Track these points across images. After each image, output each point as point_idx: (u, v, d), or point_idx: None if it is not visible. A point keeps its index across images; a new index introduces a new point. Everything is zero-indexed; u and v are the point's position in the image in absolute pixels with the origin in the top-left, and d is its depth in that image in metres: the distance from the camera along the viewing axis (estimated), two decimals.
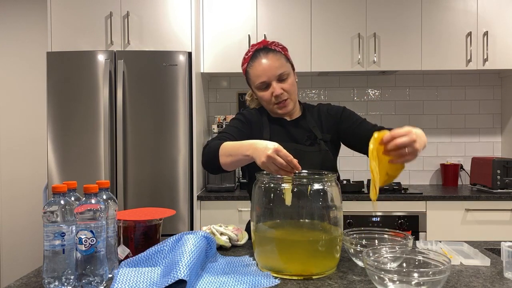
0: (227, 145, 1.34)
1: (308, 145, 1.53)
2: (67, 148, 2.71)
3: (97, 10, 2.82)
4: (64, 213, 0.99)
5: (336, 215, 1.16)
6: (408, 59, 3.05)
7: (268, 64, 1.48)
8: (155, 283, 1.00)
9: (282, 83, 1.49)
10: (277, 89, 1.48)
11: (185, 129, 2.71)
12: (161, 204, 2.67)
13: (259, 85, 1.50)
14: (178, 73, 2.70)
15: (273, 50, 1.52)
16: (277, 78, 1.48)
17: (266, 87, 1.50)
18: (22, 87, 3.55)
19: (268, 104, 1.53)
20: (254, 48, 1.54)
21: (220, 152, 1.34)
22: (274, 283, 1.05)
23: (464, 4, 3.04)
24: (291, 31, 3.06)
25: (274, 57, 1.50)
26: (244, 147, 1.26)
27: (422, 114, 3.44)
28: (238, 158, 1.28)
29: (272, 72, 1.48)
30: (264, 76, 1.48)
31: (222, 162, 1.34)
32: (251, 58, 1.52)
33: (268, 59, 1.49)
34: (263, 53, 1.50)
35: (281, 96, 1.49)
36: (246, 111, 1.62)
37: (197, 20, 2.93)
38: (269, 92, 1.50)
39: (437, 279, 0.91)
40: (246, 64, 1.54)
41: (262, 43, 1.54)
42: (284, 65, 1.51)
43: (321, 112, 1.61)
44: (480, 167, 3.10)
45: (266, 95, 1.50)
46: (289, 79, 1.51)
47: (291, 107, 1.54)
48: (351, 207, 2.77)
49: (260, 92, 1.52)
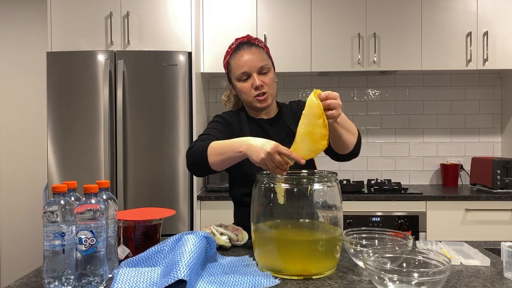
0: (216, 144, 1.33)
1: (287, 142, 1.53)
2: (67, 148, 2.71)
3: (97, 10, 2.82)
4: (64, 213, 0.99)
5: (336, 215, 1.16)
6: (408, 59, 3.05)
7: (251, 56, 1.52)
8: (155, 283, 1.00)
9: (263, 76, 1.53)
10: (258, 80, 1.51)
11: (185, 129, 2.71)
12: (161, 204, 2.67)
13: (240, 76, 1.53)
14: (178, 73, 2.70)
15: (256, 44, 1.57)
16: (258, 71, 1.52)
17: (247, 78, 1.53)
18: (22, 87, 3.55)
19: (248, 96, 1.54)
20: (237, 41, 1.58)
21: (208, 151, 1.33)
22: (274, 283, 1.05)
23: (464, 4, 3.04)
24: (291, 31, 3.06)
25: (257, 50, 1.55)
26: (236, 144, 1.26)
27: (422, 114, 3.44)
28: (229, 156, 1.27)
29: (254, 63, 1.51)
30: (245, 67, 1.51)
31: (211, 162, 1.33)
32: (234, 50, 1.56)
33: (251, 51, 1.53)
34: (246, 46, 1.55)
35: (260, 88, 1.51)
36: (224, 114, 1.64)
37: (197, 20, 2.94)
38: (249, 83, 1.52)
39: (437, 279, 0.91)
40: (228, 56, 1.58)
41: (247, 37, 1.58)
42: (266, 60, 1.55)
43: (293, 110, 1.65)
44: (480, 167, 3.10)
45: (246, 87, 1.53)
46: (270, 74, 1.55)
47: (270, 102, 1.56)
48: (351, 207, 2.77)
49: (241, 84, 1.54)
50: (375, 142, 3.45)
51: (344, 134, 1.35)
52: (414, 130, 3.45)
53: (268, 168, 1.15)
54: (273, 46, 3.03)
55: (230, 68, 1.57)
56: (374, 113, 3.45)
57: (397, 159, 3.45)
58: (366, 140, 3.45)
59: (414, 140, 3.45)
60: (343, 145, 1.38)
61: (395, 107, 3.45)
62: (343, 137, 1.35)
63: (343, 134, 1.34)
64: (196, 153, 1.37)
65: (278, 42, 3.05)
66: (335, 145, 1.40)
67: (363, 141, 3.45)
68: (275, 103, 1.65)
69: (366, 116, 3.45)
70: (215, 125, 1.56)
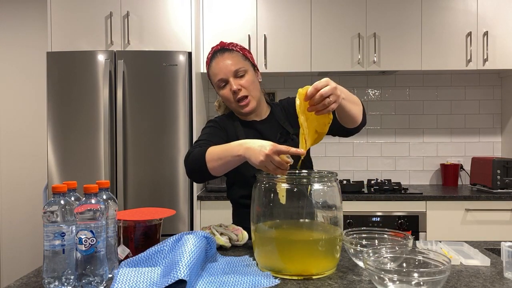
0: (213, 149, 1.33)
1: (282, 142, 1.54)
2: (67, 148, 2.71)
3: (97, 10, 2.82)
4: (64, 213, 0.99)
5: (336, 215, 1.16)
6: (408, 59, 3.05)
7: (224, 62, 1.52)
8: (155, 283, 1.00)
9: (239, 80, 1.52)
10: (234, 84, 1.51)
11: (185, 129, 2.71)
12: (161, 204, 2.67)
13: (218, 83, 1.54)
14: (178, 73, 2.70)
15: (229, 49, 1.56)
16: (233, 75, 1.52)
17: (225, 84, 1.53)
18: (22, 87, 3.55)
19: (230, 103, 1.55)
20: (212, 50, 1.58)
21: (207, 157, 1.33)
22: (274, 283, 1.05)
23: (464, 4, 3.04)
24: (291, 31, 3.06)
25: (230, 55, 1.54)
26: (234, 148, 1.25)
27: (422, 114, 3.44)
28: (228, 160, 1.27)
29: (228, 68, 1.52)
30: (221, 73, 1.52)
31: (210, 167, 1.32)
32: (210, 60, 1.57)
33: (223, 57, 1.53)
34: (219, 53, 1.55)
35: (238, 92, 1.51)
36: (217, 118, 1.64)
37: (197, 20, 2.94)
38: (228, 89, 1.53)
39: (437, 279, 0.91)
40: (207, 66, 1.59)
41: (220, 44, 1.58)
42: (240, 62, 1.54)
43: (284, 107, 1.65)
44: (480, 167, 3.10)
45: (226, 93, 1.54)
46: (247, 76, 1.53)
47: (254, 105, 1.55)
48: (351, 207, 2.77)
49: (221, 91, 1.55)
50: (375, 142, 3.45)
51: (352, 108, 1.34)
52: (414, 130, 3.45)
53: (269, 170, 1.15)
54: (273, 46, 3.04)
55: (210, 78, 1.59)
56: (374, 113, 3.45)
57: (397, 159, 3.45)
58: (366, 140, 3.45)
59: (414, 140, 3.45)
60: (353, 118, 1.38)
61: (395, 107, 3.45)
62: (352, 112, 1.34)
63: (351, 109, 1.33)
64: (194, 160, 1.37)
65: (278, 42, 3.05)
66: (345, 121, 1.39)
67: (363, 141, 3.45)
68: (264, 104, 1.64)
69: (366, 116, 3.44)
70: (210, 130, 1.56)
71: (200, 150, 1.36)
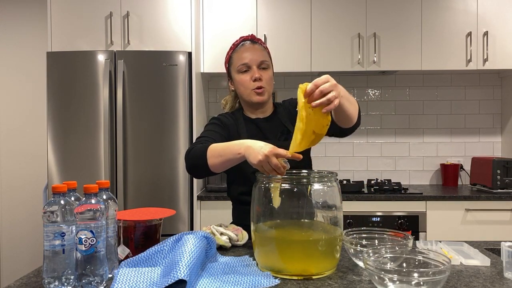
0: (215, 146, 1.34)
1: (283, 140, 1.57)
2: (67, 148, 2.71)
3: (97, 10, 2.82)
4: (64, 213, 0.99)
5: (336, 215, 1.16)
6: (408, 59, 3.05)
7: (253, 50, 1.58)
8: (155, 283, 1.00)
9: (262, 71, 1.57)
10: (257, 73, 1.55)
11: (185, 129, 2.71)
12: (161, 204, 2.67)
13: (241, 67, 1.57)
14: (178, 73, 2.70)
15: (259, 43, 1.63)
16: (258, 64, 1.57)
17: (246, 70, 1.57)
18: (22, 87, 3.55)
19: (246, 89, 1.57)
20: (241, 38, 1.63)
21: (208, 153, 1.34)
22: (274, 283, 1.05)
23: (464, 4, 3.04)
24: (291, 31, 3.06)
25: (260, 47, 1.61)
26: (235, 146, 1.27)
27: (422, 114, 3.44)
28: (229, 158, 1.28)
29: (255, 56, 1.57)
30: (247, 59, 1.56)
31: (210, 164, 1.33)
32: (237, 46, 1.62)
33: (253, 47, 1.59)
34: (249, 43, 1.61)
35: (259, 81, 1.55)
36: (220, 116, 1.66)
37: (197, 20, 2.93)
38: (249, 75, 1.56)
39: (437, 279, 0.91)
40: (231, 51, 1.63)
41: (250, 36, 1.64)
42: (267, 57, 1.61)
43: (287, 107, 1.67)
44: (480, 167, 3.10)
45: (245, 78, 1.57)
46: (269, 72, 1.60)
47: (266, 97, 1.59)
48: (351, 207, 2.77)
49: (240, 75, 1.57)
50: (375, 142, 3.45)
51: (349, 107, 1.35)
52: (414, 130, 3.45)
53: (265, 171, 1.16)
54: (273, 46, 3.03)
55: (232, 61, 1.61)
56: (374, 113, 3.45)
57: (397, 159, 3.45)
58: (366, 140, 3.45)
59: (414, 140, 3.45)
60: (350, 118, 1.38)
61: (395, 107, 3.45)
62: (349, 111, 1.35)
63: (348, 108, 1.34)
64: (195, 155, 1.38)
65: (278, 42, 3.05)
66: (341, 120, 1.39)
67: (363, 141, 3.45)
68: (271, 103, 1.67)
69: (366, 116, 3.45)
70: (212, 127, 1.57)
71: (202, 147, 1.37)
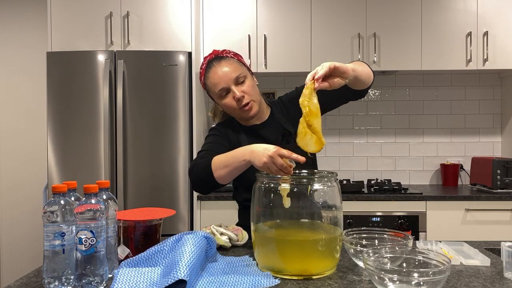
0: (219, 158, 1.34)
1: (285, 143, 1.54)
2: (67, 148, 2.71)
3: (97, 10, 2.82)
4: (64, 213, 0.99)
5: (336, 215, 1.16)
6: (408, 59, 3.05)
7: (222, 70, 1.49)
8: (155, 283, 1.00)
9: (241, 86, 1.50)
10: (237, 92, 1.48)
11: (185, 129, 2.71)
12: (161, 204, 2.67)
13: (220, 93, 1.50)
14: (178, 73, 2.70)
15: (225, 57, 1.53)
16: (234, 82, 1.49)
17: (227, 93, 1.50)
18: (22, 87, 3.55)
19: (234, 110, 1.52)
20: (206, 60, 1.54)
21: (213, 166, 1.33)
22: (274, 283, 1.05)
23: (464, 4, 3.04)
24: (291, 31, 3.05)
25: (227, 62, 1.51)
26: (239, 153, 1.27)
27: (422, 114, 3.44)
28: (235, 166, 1.28)
29: (228, 76, 1.48)
30: (222, 83, 1.48)
31: (217, 176, 1.33)
32: (205, 70, 1.53)
33: (221, 66, 1.50)
34: (216, 62, 1.51)
35: (242, 99, 1.48)
36: (218, 126, 1.62)
37: (197, 20, 2.93)
38: (230, 97, 1.49)
39: (437, 279, 0.91)
40: (202, 77, 1.55)
41: (213, 53, 1.55)
42: (239, 69, 1.51)
43: (284, 104, 1.63)
44: (480, 167, 3.10)
45: (229, 102, 1.50)
46: (247, 81, 1.51)
47: (256, 109, 1.53)
48: (351, 207, 2.77)
49: (223, 100, 1.51)
50: (375, 142, 3.45)
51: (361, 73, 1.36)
52: (414, 130, 3.45)
53: (272, 172, 1.16)
54: (273, 46, 3.04)
55: (208, 88, 1.55)
56: (374, 113, 3.45)
57: (397, 159, 3.45)
58: (366, 140, 3.45)
59: (414, 140, 3.45)
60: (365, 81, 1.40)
61: (395, 107, 3.45)
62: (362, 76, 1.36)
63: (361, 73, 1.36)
64: (199, 170, 1.37)
65: (278, 42, 3.04)
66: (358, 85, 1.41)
67: (363, 141, 3.45)
68: (264, 106, 1.62)
69: (366, 116, 3.45)
70: (213, 139, 1.55)
71: (205, 161, 1.36)
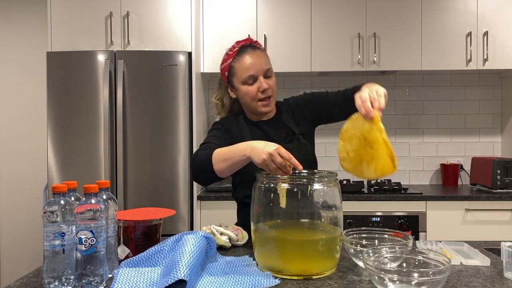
0: (219, 151, 1.34)
1: (288, 142, 1.55)
2: (67, 148, 2.71)
3: (97, 10, 2.82)
4: (64, 213, 0.99)
5: (336, 215, 1.16)
6: (408, 59, 3.05)
7: (258, 59, 1.52)
8: (155, 283, 1.00)
9: (268, 80, 1.53)
10: (264, 83, 1.50)
11: (185, 129, 2.71)
12: (161, 204, 2.67)
13: (246, 79, 1.51)
14: (178, 73, 2.70)
15: (259, 48, 1.57)
16: (264, 74, 1.52)
17: (253, 81, 1.52)
18: (22, 87, 3.55)
19: (252, 100, 1.53)
20: (240, 44, 1.56)
21: (213, 159, 1.33)
22: (274, 283, 1.05)
23: (464, 4, 3.04)
24: (291, 31, 3.05)
25: (262, 53, 1.55)
26: (240, 148, 1.26)
27: (422, 114, 3.44)
28: (235, 161, 1.28)
29: (261, 66, 1.51)
30: (253, 69, 1.50)
31: (217, 169, 1.33)
32: (237, 53, 1.54)
33: (256, 54, 1.53)
34: (250, 49, 1.54)
35: (267, 91, 1.51)
36: (222, 120, 1.64)
37: (197, 20, 2.93)
38: (255, 87, 1.51)
39: (437, 279, 0.91)
40: (231, 59, 1.55)
41: (248, 40, 1.58)
42: (269, 63, 1.56)
43: (290, 106, 1.65)
44: (480, 167, 3.10)
45: (252, 90, 1.51)
46: (273, 78, 1.56)
47: (273, 106, 1.57)
48: (351, 207, 2.77)
49: (246, 87, 1.52)
50: None
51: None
52: (414, 130, 3.45)
53: (270, 169, 1.16)
54: (273, 46, 3.04)
55: (234, 71, 1.54)
56: None
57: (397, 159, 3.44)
58: None
59: (414, 140, 3.45)
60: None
61: (395, 107, 3.45)
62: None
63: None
64: (200, 162, 1.37)
65: (278, 42, 3.04)
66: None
67: None
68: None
69: None
70: (215, 133, 1.56)
71: (206, 153, 1.36)
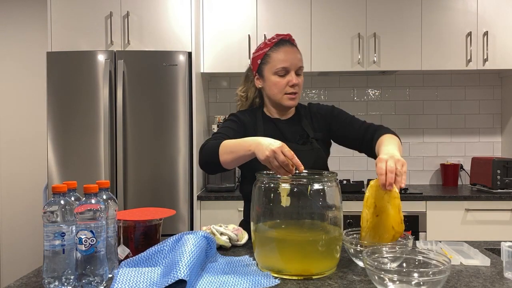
0: (227, 142, 1.35)
1: (301, 144, 1.57)
2: (67, 148, 2.71)
3: (97, 10, 2.82)
4: (64, 213, 0.99)
5: (336, 215, 1.16)
6: (408, 59, 3.05)
7: (294, 54, 1.56)
8: (155, 283, 1.00)
9: (299, 77, 1.57)
10: (295, 78, 1.54)
11: (185, 129, 2.71)
12: (161, 204, 2.67)
13: (279, 70, 1.54)
14: (178, 73, 2.70)
15: (296, 46, 1.62)
16: (296, 69, 1.56)
17: (285, 74, 1.55)
18: (22, 87, 3.55)
19: (278, 92, 1.56)
20: (279, 37, 1.60)
21: (220, 150, 1.35)
22: (274, 283, 1.05)
23: (464, 4, 3.04)
24: (291, 31, 3.04)
25: (298, 51, 1.60)
26: (247, 143, 1.27)
27: (422, 114, 3.44)
28: (240, 155, 1.29)
29: (296, 62, 1.56)
30: (287, 62, 1.54)
31: (222, 160, 1.35)
32: (275, 44, 1.58)
33: (294, 49, 1.58)
34: (289, 44, 1.59)
35: (295, 87, 1.55)
36: (238, 112, 1.65)
37: (197, 20, 2.93)
38: (286, 80, 1.55)
39: (437, 279, 0.91)
40: (268, 48, 1.58)
41: (288, 35, 1.62)
42: (302, 62, 1.60)
43: (312, 112, 1.66)
44: (480, 167, 3.10)
45: (281, 82, 1.55)
46: (302, 77, 1.60)
47: (297, 102, 1.60)
48: (351, 207, 2.77)
49: (276, 78, 1.55)
50: None
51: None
52: (414, 130, 3.45)
53: (272, 167, 1.16)
54: None
55: (269, 59, 1.57)
56: (374, 113, 3.45)
57: None
58: None
59: (414, 140, 3.45)
60: None
61: (395, 107, 3.45)
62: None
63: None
64: (208, 151, 1.40)
65: None
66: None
67: None
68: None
69: (366, 116, 3.45)
70: (229, 124, 1.58)
71: (215, 143, 1.39)
